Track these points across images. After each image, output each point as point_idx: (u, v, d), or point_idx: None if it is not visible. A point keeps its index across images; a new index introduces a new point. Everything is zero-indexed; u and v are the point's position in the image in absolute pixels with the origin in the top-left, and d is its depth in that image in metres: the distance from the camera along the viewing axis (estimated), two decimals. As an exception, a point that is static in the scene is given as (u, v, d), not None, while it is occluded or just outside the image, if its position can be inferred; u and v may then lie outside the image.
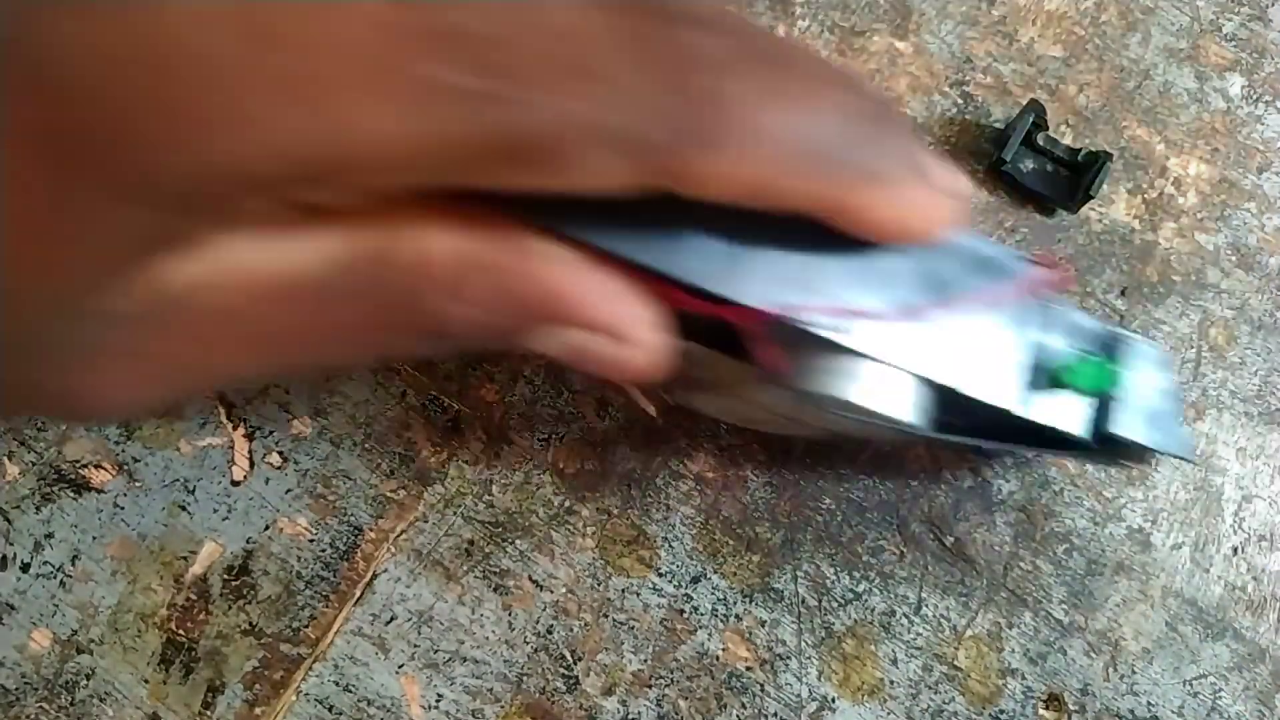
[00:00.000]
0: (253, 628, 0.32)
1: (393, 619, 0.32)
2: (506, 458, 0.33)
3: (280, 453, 0.33)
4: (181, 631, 0.32)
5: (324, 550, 0.32)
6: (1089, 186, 0.31)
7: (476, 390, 0.33)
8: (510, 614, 0.32)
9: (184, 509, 0.33)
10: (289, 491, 0.33)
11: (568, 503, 0.32)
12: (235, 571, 0.32)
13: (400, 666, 0.31)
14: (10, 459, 0.33)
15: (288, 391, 0.33)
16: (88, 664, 0.32)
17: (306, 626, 0.32)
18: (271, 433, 0.33)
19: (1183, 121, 0.34)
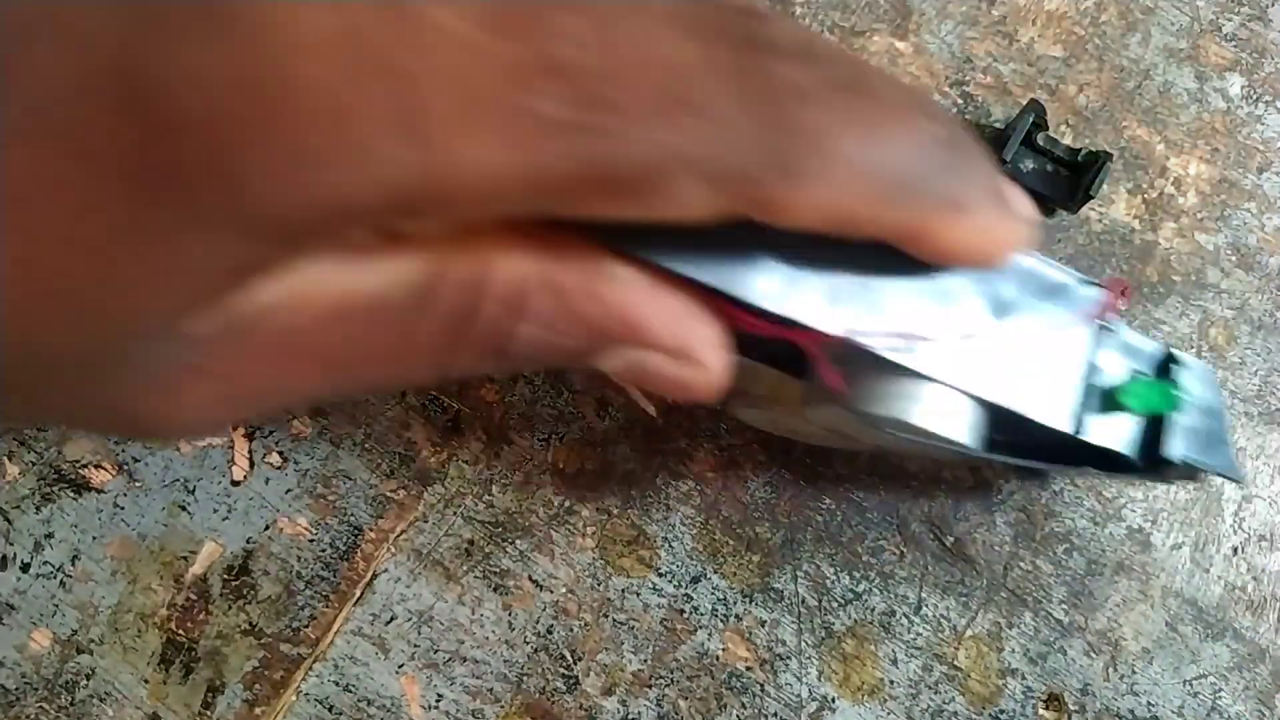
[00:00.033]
0: (253, 628, 0.32)
1: (393, 619, 0.32)
2: (506, 458, 0.33)
3: (280, 452, 0.33)
4: (181, 631, 0.32)
5: (324, 550, 0.32)
6: (1089, 186, 0.31)
7: (476, 390, 0.33)
8: (510, 614, 0.32)
9: (184, 509, 0.33)
10: (289, 491, 0.33)
11: (568, 503, 0.32)
12: (235, 571, 0.32)
13: (400, 666, 0.31)
14: (10, 459, 0.33)
15: (288, 391, 0.33)
16: (88, 664, 0.32)
17: (306, 626, 0.32)
18: (271, 433, 0.33)
19: (1183, 121, 0.34)
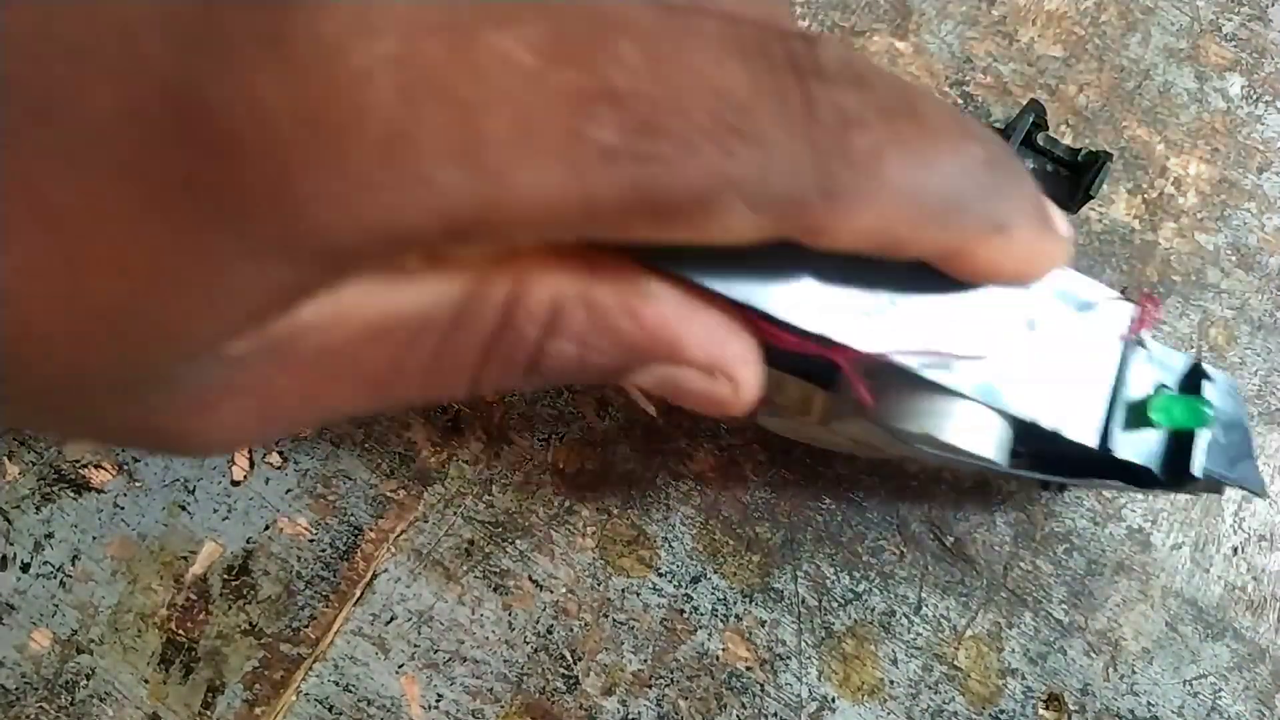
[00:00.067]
0: (253, 628, 0.32)
1: (393, 619, 0.32)
2: (506, 458, 0.33)
3: (280, 452, 0.33)
4: (181, 631, 0.32)
5: (324, 550, 0.32)
6: (1089, 186, 0.31)
7: (476, 390, 0.33)
8: (510, 614, 0.32)
9: (184, 509, 0.33)
10: (289, 491, 0.33)
11: (568, 503, 0.32)
12: (235, 571, 0.32)
13: (400, 666, 0.31)
14: (10, 459, 0.33)
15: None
16: (88, 664, 0.32)
17: (306, 626, 0.32)
18: (271, 433, 0.33)
19: (1183, 121, 0.34)
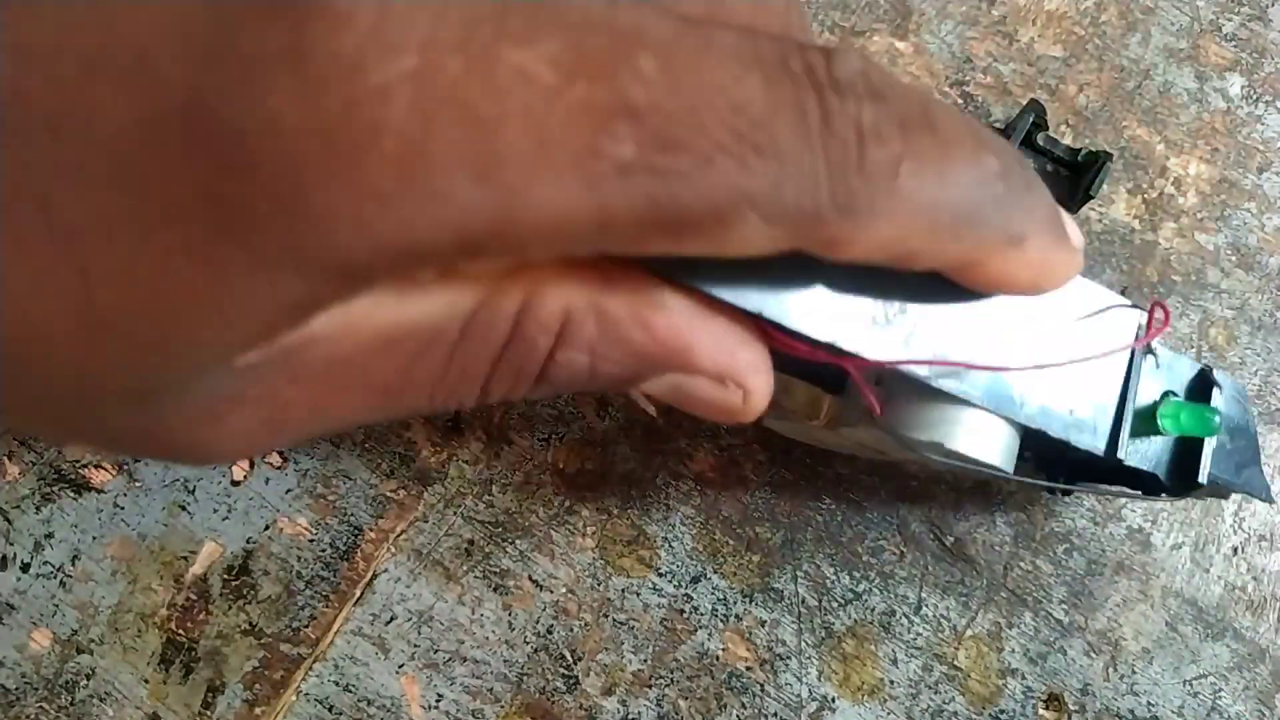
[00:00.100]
0: (253, 628, 0.32)
1: (393, 619, 0.32)
2: (506, 458, 0.33)
3: (280, 452, 0.33)
4: (181, 631, 0.32)
5: (324, 550, 0.32)
6: (1089, 186, 0.31)
7: (476, 390, 0.33)
8: (510, 614, 0.32)
9: (184, 509, 0.33)
10: (289, 491, 0.33)
11: (568, 503, 0.32)
12: (235, 571, 0.32)
13: (400, 666, 0.31)
14: (10, 459, 0.33)
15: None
16: (88, 664, 0.32)
17: (306, 626, 0.32)
18: (271, 433, 0.33)
19: (1183, 121, 0.34)
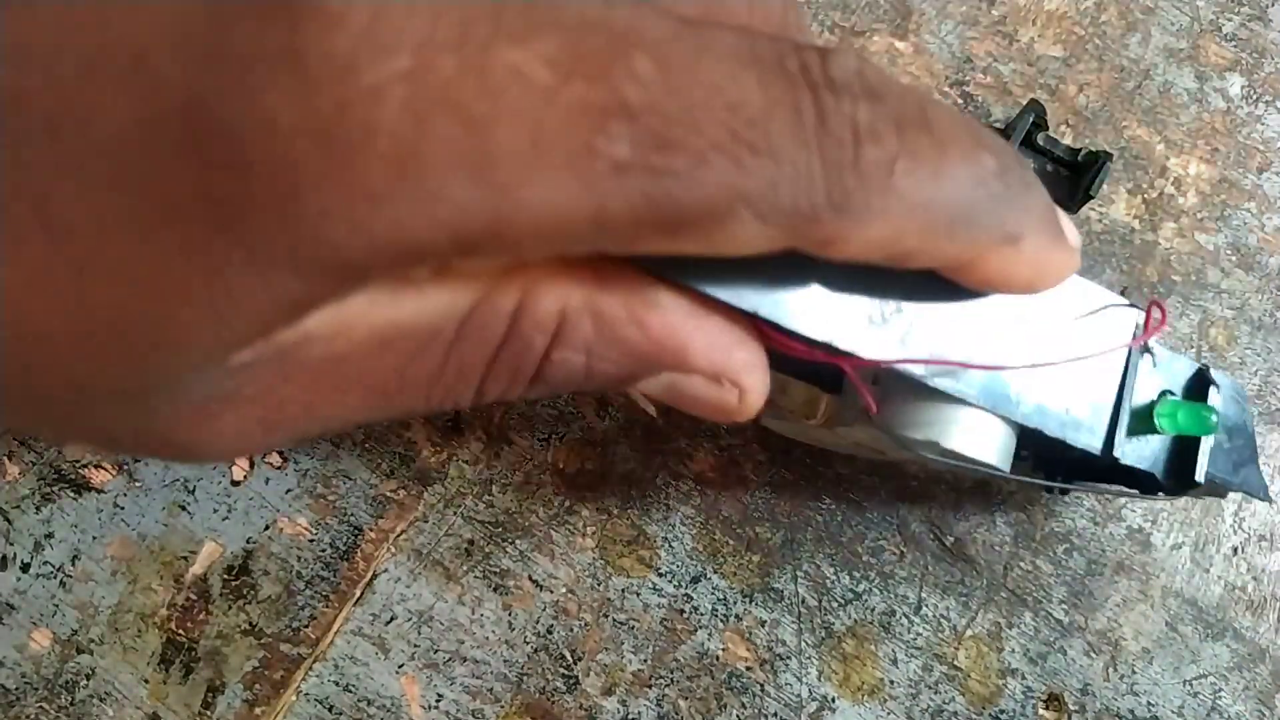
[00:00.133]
0: (253, 628, 0.32)
1: (393, 619, 0.32)
2: (506, 458, 0.33)
3: (280, 452, 0.33)
4: (181, 631, 0.32)
5: (324, 550, 0.32)
6: (1089, 186, 0.31)
7: (476, 390, 0.33)
8: (510, 614, 0.32)
9: (184, 509, 0.33)
10: (289, 491, 0.33)
11: (568, 503, 0.32)
12: (235, 571, 0.32)
13: (400, 666, 0.31)
14: (10, 459, 0.33)
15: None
16: (88, 664, 0.32)
17: (306, 626, 0.32)
18: (271, 433, 0.33)
19: (1183, 121, 0.34)
